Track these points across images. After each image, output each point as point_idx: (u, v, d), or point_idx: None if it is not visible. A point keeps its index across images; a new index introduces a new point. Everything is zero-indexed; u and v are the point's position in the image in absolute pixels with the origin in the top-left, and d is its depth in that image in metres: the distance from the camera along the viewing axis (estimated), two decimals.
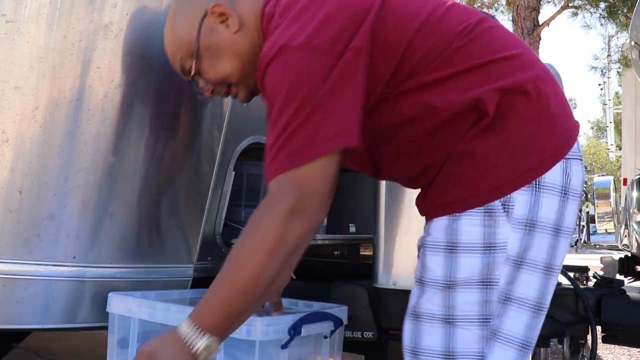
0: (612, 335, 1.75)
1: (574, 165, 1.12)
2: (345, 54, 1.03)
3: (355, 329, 1.71)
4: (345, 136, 1.01)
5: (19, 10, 1.55)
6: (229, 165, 1.84)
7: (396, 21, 1.10)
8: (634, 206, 3.48)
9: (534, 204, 1.06)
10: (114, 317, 1.54)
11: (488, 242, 1.06)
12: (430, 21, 1.11)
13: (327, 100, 1.01)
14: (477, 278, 1.06)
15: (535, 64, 1.14)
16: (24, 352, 3.08)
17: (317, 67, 1.02)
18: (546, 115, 1.10)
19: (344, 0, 1.08)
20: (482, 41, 1.12)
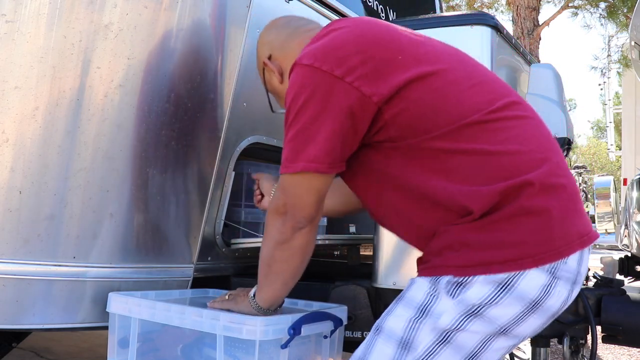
0: (612, 335, 1.75)
1: (559, 287, 1.08)
2: (339, 84, 1.11)
3: (355, 329, 1.71)
4: (321, 163, 1.13)
5: (19, 10, 1.55)
6: (229, 165, 1.84)
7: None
8: (634, 206, 3.48)
9: (489, 300, 1.05)
10: (114, 317, 1.54)
11: (425, 305, 1.10)
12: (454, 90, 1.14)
13: (312, 123, 1.12)
14: (400, 334, 1.10)
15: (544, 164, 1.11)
16: (24, 352, 3.08)
17: (317, 88, 1.12)
18: (539, 219, 1.06)
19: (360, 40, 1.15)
20: (497, 127, 1.12)
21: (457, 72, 1.16)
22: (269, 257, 1.26)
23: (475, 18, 1.81)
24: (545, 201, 1.07)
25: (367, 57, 1.11)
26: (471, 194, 1.07)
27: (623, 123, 10.65)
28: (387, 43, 1.14)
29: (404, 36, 1.19)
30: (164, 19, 1.67)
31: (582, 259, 1.11)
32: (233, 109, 1.82)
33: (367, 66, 1.11)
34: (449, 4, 12.51)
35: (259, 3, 1.86)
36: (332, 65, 1.11)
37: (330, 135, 1.12)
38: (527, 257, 1.05)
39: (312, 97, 1.12)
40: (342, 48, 1.13)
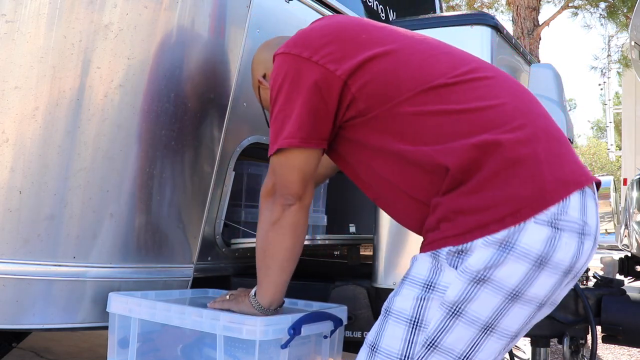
0: (612, 335, 1.75)
1: (564, 239, 1.05)
2: (308, 65, 1.19)
3: (355, 329, 1.71)
4: (293, 138, 1.21)
5: (19, 10, 1.55)
6: (229, 165, 1.84)
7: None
8: (634, 206, 3.48)
9: (493, 263, 1.03)
10: (114, 317, 1.54)
11: (430, 280, 1.09)
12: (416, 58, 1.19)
13: (286, 104, 1.21)
14: (409, 314, 1.09)
15: (516, 116, 1.12)
16: (24, 352, 3.08)
17: (289, 72, 1.21)
18: (526, 167, 1.06)
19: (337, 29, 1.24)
20: (467, 87, 1.14)
21: (420, 46, 1.22)
22: (263, 241, 1.30)
23: (475, 18, 1.81)
24: (529, 148, 1.06)
25: (331, 39, 1.20)
26: (445, 151, 1.09)
27: (623, 123, 10.66)
28: (352, 27, 1.23)
29: (370, 24, 1.27)
30: (164, 19, 1.67)
31: (584, 207, 1.07)
32: (233, 109, 1.82)
33: (331, 46, 1.19)
34: (449, 4, 12.51)
35: (259, 3, 1.86)
36: (300, 49, 1.21)
37: (300, 111, 1.20)
38: (524, 208, 1.03)
39: (285, 80, 1.21)
40: (310, 35, 1.23)
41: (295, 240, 1.29)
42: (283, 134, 1.21)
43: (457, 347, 1.05)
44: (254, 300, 1.33)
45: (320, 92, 1.19)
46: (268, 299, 1.32)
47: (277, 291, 1.33)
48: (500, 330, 1.06)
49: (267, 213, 1.29)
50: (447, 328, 1.05)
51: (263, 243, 1.31)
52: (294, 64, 1.21)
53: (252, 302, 1.33)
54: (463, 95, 1.13)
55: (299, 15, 2.07)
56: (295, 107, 1.20)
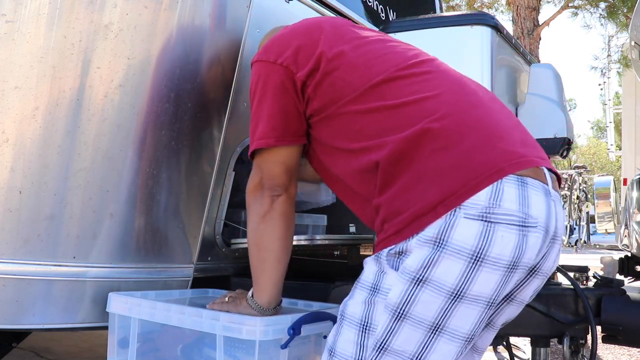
0: (612, 335, 1.75)
1: (500, 232, 1.01)
2: (274, 67, 1.27)
3: None
4: (268, 138, 1.28)
5: (19, 10, 1.55)
6: (229, 165, 1.84)
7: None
8: (634, 206, 3.48)
9: (429, 262, 1.02)
10: (114, 317, 1.54)
11: (375, 283, 1.11)
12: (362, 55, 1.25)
13: (258, 106, 1.29)
14: (359, 318, 1.11)
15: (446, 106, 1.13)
16: (24, 352, 3.08)
17: (259, 77, 1.30)
18: (453, 155, 1.06)
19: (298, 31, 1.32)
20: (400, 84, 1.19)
21: (371, 46, 1.27)
22: (255, 235, 1.33)
23: (475, 18, 1.81)
24: (458, 136, 1.07)
25: (294, 43, 1.28)
26: (379, 146, 1.13)
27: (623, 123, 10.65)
28: (313, 30, 1.30)
29: (332, 25, 1.33)
30: (164, 19, 1.67)
31: (524, 198, 1.04)
32: (233, 109, 1.82)
33: (292, 48, 1.27)
34: (449, 4, 12.51)
35: (259, 3, 1.86)
36: (268, 54, 1.30)
37: (272, 111, 1.28)
38: (453, 195, 1.02)
39: (258, 84, 1.30)
40: (278, 40, 1.32)
41: (286, 230, 1.33)
42: (258, 135, 1.29)
43: (407, 348, 1.05)
44: (252, 301, 1.33)
45: (288, 92, 1.27)
46: (266, 297, 1.32)
47: (274, 287, 1.33)
48: (450, 331, 1.05)
49: (256, 206, 1.33)
50: (394, 330, 1.06)
51: (255, 237, 1.33)
52: (264, 69, 1.30)
53: (251, 303, 1.33)
54: (400, 90, 1.17)
55: (299, 15, 2.07)
56: (265, 108, 1.28)
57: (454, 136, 1.08)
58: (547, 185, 1.11)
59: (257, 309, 1.32)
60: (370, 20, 2.55)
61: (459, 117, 1.11)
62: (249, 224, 1.35)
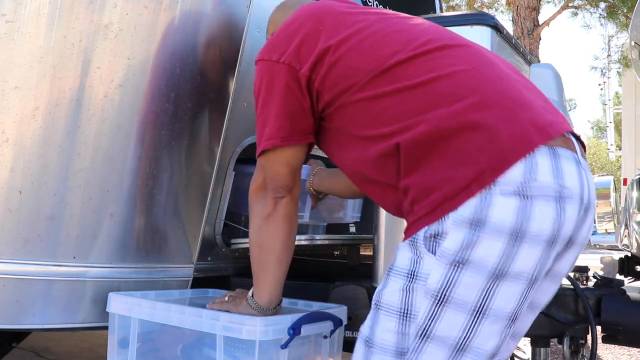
0: (612, 335, 1.75)
1: (538, 206, 1.00)
2: (277, 66, 1.25)
3: (355, 329, 1.71)
4: (275, 138, 1.27)
5: (19, 10, 1.55)
6: (229, 165, 1.84)
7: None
8: (634, 206, 3.48)
9: (467, 243, 1.00)
10: (114, 317, 1.54)
11: (412, 270, 1.07)
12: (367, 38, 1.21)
13: (264, 107, 1.28)
14: (397, 306, 1.08)
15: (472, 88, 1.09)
16: (24, 352, 3.08)
17: (263, 77, 1.28)
18: (481, 131, 1.03)
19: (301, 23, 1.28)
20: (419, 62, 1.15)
21: (375, 27, 1.23)
22: (258, 236, 1.32)
23: (475, 18, 1.81)
24: (483, 113, 1.04)
25: (295, 38, 1.25)
26: (401, 129, 1.10)
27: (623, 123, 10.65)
28: (312, 21, 1.26)
29: (330, 12, 1.29)
30: (164, 19, 1.67)
31: (558, 169, 1.02)
32: (233, 109, 1.82)
33: (293, 45, 1.24)
34: (449, 4, 12.51)
35: (259, 3, 1.86)
36: (271, 53, 1.27)
37: (278, 112, 1.26)
38: (486, 171, 1.00)
39: (262, 85, 1.28)
40: (278, 37, 1.29)
41: (289, 232, 1.32)
42: (265, 136, 1.28)
43: (451, 334, 1.03)
44: (252, 301, 1.33)
45: (293, 92, 1.24)
46: (266, 298, 1.32)
47: (275, 288, 1.33)
48: (494, 312, 1.03)
49: (259, 207, 1.32)
50: (436, 316, 1.03)
51: (258, 238, 1.32)
52: (267, 68, 1.27)
53: (251, 302, 1.33)
54: (415, 70, 1.13)
55: None
56: (272, 109, 1.26)
57: (480, 113, 1.05)
58: (577, 154, 1.10)
59: (257, 309, 1.32)
60: None
61: (482, 94, 1.07)
62: (251, 225, 1.34)
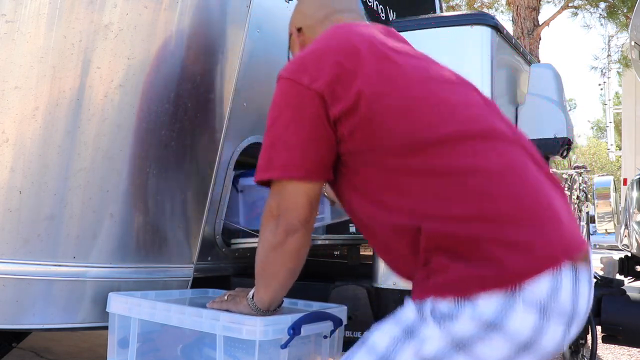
0: (612, 335, 1.75)
1: (553, 326, 1.01)
2: (308, 93, 1.16)
3: (355, 329, 1.71)
4: (299, 169, 1.17)
5: (19, 10, 1.55)
6: (229, 165, 1.84)
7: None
8: (634, 206, 3.48)
9: (477, 336, 1.00)
10: (114, 317, 1.54)
11: (412, 327, 1.06)
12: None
13: (285, 130, 1.18)
14: (381, 350, 1.07)
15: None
16: (24, 352, 3.08)
17: (289, 98, 1.19)
18: (516, 231, 1.02)
19: (335, 45, 1.20)
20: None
21: (417, 88, 1.15)
22: (263, 260, 1.25)
23: (475, 18, 1.81)
24: (520, 229, 1.02)
25: (328, 66, 1.16)
26: (422, 215, 1.06)
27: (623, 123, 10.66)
28: (350, 53, 1.17)
29: (373, 48, 1.19)
30: (164, 19, 1.67)
31: (577, 290, 1.04)
32: (233, 109, 1.82)
33: (327, 75, 1.15)
34: (449, 4, 12.50)
35: (259, 3, 1.86)
36: (301, 74, 1.18)
37: (303, 140, 1.16)
38: (514, 273, 0.99)
39: (286, 106, 1.19)
40: (311, 58, 1.20)
41: (297, 263, 1.25)
42: (284, 161, 1.17)
43: None
44: (252, 303, 1.32)
45: (323, 125, 1.16)
46: (267, 304, 1.31)
47: (276, 297, 1.31)
48: None
49: (268, 235, 1.23)
50: None
51: (263, 263, 1.26)
52: (296, 91, 1.18)
53: (250, 304, 1.32)
54: (451, 156, 1.08)
55: None
56: (297, 135, 1.17)
57: (508, 217, 1.04)
58: (590, 268, 1.11)
59: (256, 310, 1.31)
60: (370, 20, 2.55)
61: (514, 200, 1.05)
62: (259, 247, 1.26)
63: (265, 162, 1.20)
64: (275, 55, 1.98)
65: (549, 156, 2.18)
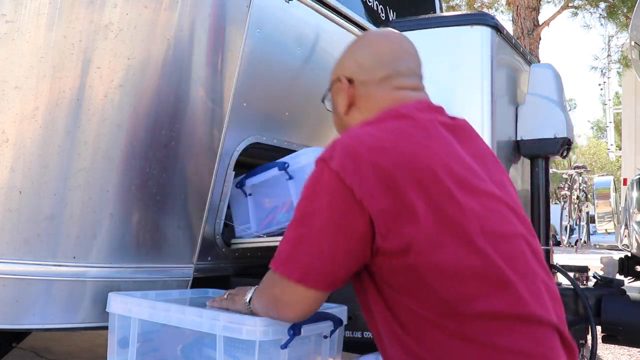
0: (612, 335, 1.75)
1: None
2: (356, 206, 1.04)
3: (355, 329, 1.71)
4: (311, 279, 1.08)
5: (19, 10, 1.55)
6: (229, 165, 1.84)
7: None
8: (634, 206, 3.48)
9: None
10: (114, 317, 1.54)
11: None
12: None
13: (311, 224, 1.08)
14: None
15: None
16: (24, 352, 3.08)
17: (333, 199, 1.06)
18: None
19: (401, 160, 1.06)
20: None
21: (470, 249, 1.05)
22: (260, 313, 1.25)
23: (475, 18, 1.82)
24: None
25: (390, 188, 1.04)
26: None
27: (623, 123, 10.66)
28: (416, 181, 1.05)
29: (442, 181, 1.07)
30: (164, 19, 1.67)
31: None
32: (233, 109, 1.82)
33: (386, 200, 1.03)
34: (449, 4, 12.51)
35: (259, 3, 1.86)
36: (353, 177, 1.04)
37: (335, 252, 1.07)
38: None
39: (328, 207, 1.06)
40: (370, 163, 1.05)
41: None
42: (305, 267, 1.08)
43: None
44: (248, 308, 1.30)
45: (363, 244, 1.06)
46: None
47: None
48: None
49: (262, 307, 1.23)
50: None
51: (261, 313, 1.26)
52: (342, 196, 1.05)
53: (247, 306, 1.31)
54: (487, 331, 1.02)
55: (299, 15, 2.07)
56: (330, 247, 1.07)
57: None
58: None
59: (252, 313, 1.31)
60: (370, 20, 2.55)
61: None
62: (259, 294, 1.26)
63: (287, 256, 1.10)
64: (275, 55, 1.99)
65: (549, 156, 2.19)
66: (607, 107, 13.86)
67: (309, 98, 2.12)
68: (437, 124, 1.16)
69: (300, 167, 1.79)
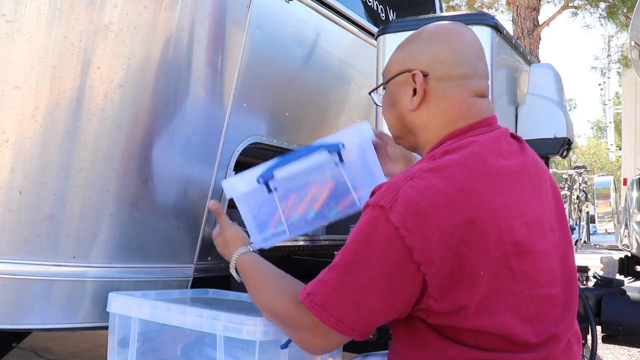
0: (612, 335, 1.76)
1: None
2: (410, 263, 0.98)
3: None
4: (347, 329, 1.04)
5: (19, 10, 1.55)
6: (229, 165, 1.84)
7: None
8: (634, 206, 3.48)
9: None
10: (114, 317, 1.54)
11: None
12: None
13: (364, 288, 1.01)
14: None
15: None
16: (24, 352, 3.08)
17: (386, 254, 0.99)
18: None
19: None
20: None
21: (519, 319, 1.02)
22: (269, 318, 1.23)
23: (475, 18, 1.81)
24: None
25: (452, 254, 0.97)
26: None
27: (623, 123, 10.66)
28: (478, 243, 0.99)
29: (506, 243, 1.01)
30: (164, 19, 1.67)
31: None
32: (233, 109, 1.82)
33: (443, 262, 0.97)
34: (449, 4, 12.51)
35: (259, 3, 1.86)
36: (414, 242, 0.97)
37: (376, 307, 1.02)
38: None
39: (378, 261, 1.00)
40: (433, 211, 0.98)
41: None
42: (342, 316, 1.03)
43: None
44: (234, 271, 1.38)
45: (410, 300, 1.01)
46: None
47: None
48: None
49: (270, 319, 1.22)
50: None
51: (266, 317, 1.24)
52: (398, 251, 0.98)
53: (231, 265, 1.38)
54: None
55: (299, 15, 2.07)
56: (374, 301, 1.01)
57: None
58: None
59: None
60: (370, 20, 2.55)
61: None
62: (268, 294, 1.23)
63: (324, 300, 1.04)
64: (275, 55, 1.99)
65: (549, 156, 2.19)
66: (607, 107, 13.86)
67: (309, 98, 2.12)
68: (505, 174, 1.07)
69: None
